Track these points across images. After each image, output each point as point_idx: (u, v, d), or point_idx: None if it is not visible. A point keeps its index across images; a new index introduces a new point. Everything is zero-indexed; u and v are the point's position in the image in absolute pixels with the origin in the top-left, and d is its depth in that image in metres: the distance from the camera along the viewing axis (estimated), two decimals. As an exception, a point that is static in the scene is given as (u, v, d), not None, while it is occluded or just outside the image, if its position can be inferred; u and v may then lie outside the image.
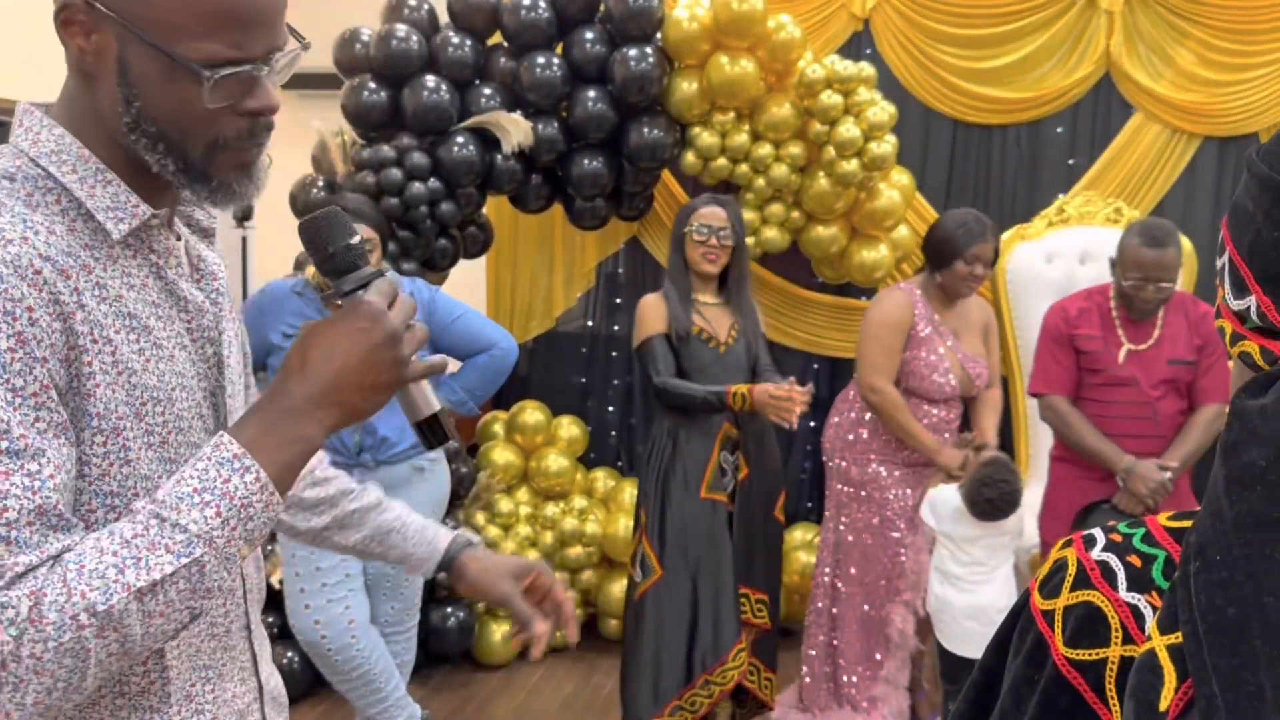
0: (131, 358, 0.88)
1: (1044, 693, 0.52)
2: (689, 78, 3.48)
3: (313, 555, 2.61)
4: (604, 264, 4.19)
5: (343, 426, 0.91)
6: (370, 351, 0.88)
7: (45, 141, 0.88)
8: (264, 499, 0.85)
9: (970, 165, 3.84)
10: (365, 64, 3.46)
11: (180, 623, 0.83)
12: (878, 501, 3.12)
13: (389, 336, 0.89)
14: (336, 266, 0.94)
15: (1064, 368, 2.79)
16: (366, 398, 0.90)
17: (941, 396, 3.05)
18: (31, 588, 0.76)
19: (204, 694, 0.97)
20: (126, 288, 0.90)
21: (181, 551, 0.80)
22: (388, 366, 0.89)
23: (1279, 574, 0.44)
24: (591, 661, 3.80)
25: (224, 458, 0.84)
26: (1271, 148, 0.55)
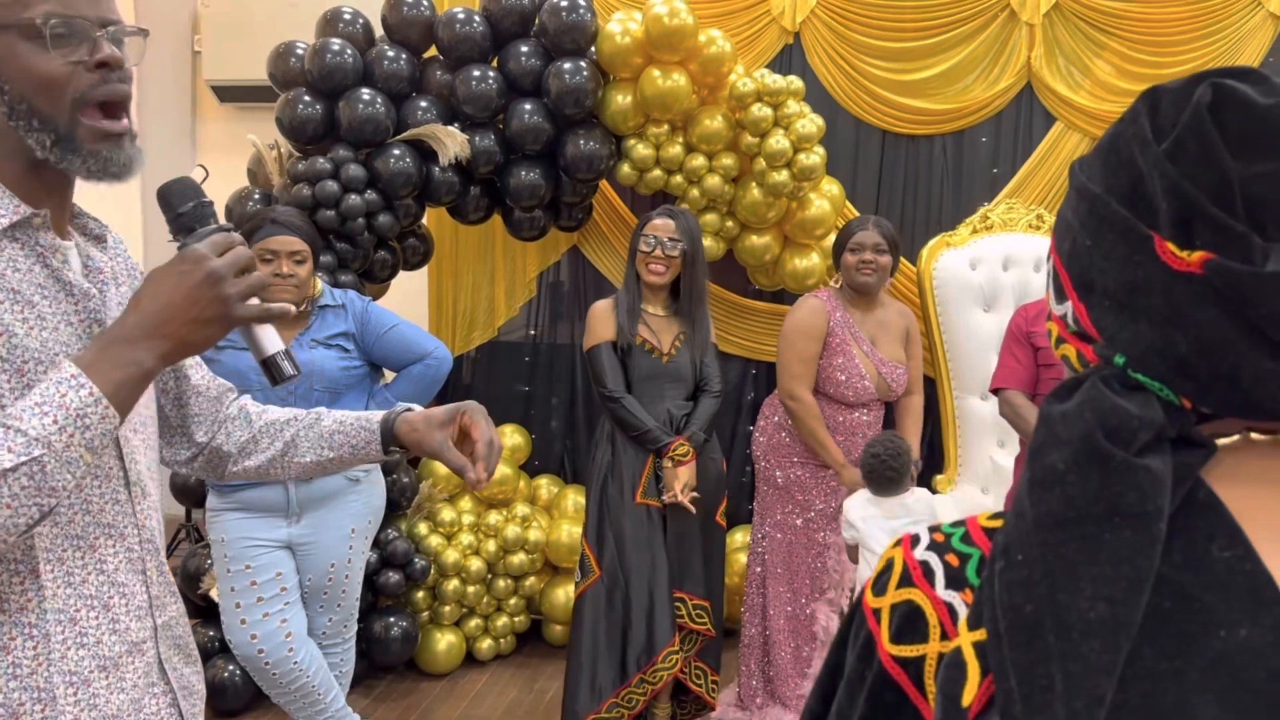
0: (14, 323, 1.04)
1: (871, 688, 0.56)
2: (623, 91, 3.53)
3: (247, 570, 2.61)
4: (545, 274, 4.22)
5: (179, 355, 1.06)
6: (192, 289, 1.04)
7: None
8: (99, 411, 0.99)
9: (898, 175, 3.94)
10: (300, 77, 3.46)
11: (30, 517, 0.97)
12: (800, 503, 3.21)
13: (208, 275, 1.04)
14: (184, 225, 1.11)
15: (1021, 364, 2.89)
16: (193, 330, 1.05)
17: (858, 400, 3.16)
18: None
19: (87, 619, 1.10)
20: (11, 270, 1.05)
21: (21, 451, 0.95)
22: (210, 302, 1.04)
23: (1071, 572, 0.48)
24: (536, 667, 3.83)
25: (62, 377, 0.99)
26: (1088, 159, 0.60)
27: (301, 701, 2.67)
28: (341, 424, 1.39)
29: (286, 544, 2.67)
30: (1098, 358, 0.56)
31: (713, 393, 3.06)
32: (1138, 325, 0.53)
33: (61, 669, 1.06)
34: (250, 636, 2.59)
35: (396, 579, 3.51)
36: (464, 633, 3.80)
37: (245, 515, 2.63)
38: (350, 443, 1.38)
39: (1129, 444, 0.50)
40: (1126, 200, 0.55)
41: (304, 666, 2.63)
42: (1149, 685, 0.47)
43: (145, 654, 1.16)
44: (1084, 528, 0.49)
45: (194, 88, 5.33)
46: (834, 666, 0.62)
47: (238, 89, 5.05)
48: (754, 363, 4.10)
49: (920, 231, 3.89)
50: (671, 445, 2.93)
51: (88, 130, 1.06)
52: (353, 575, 2.77)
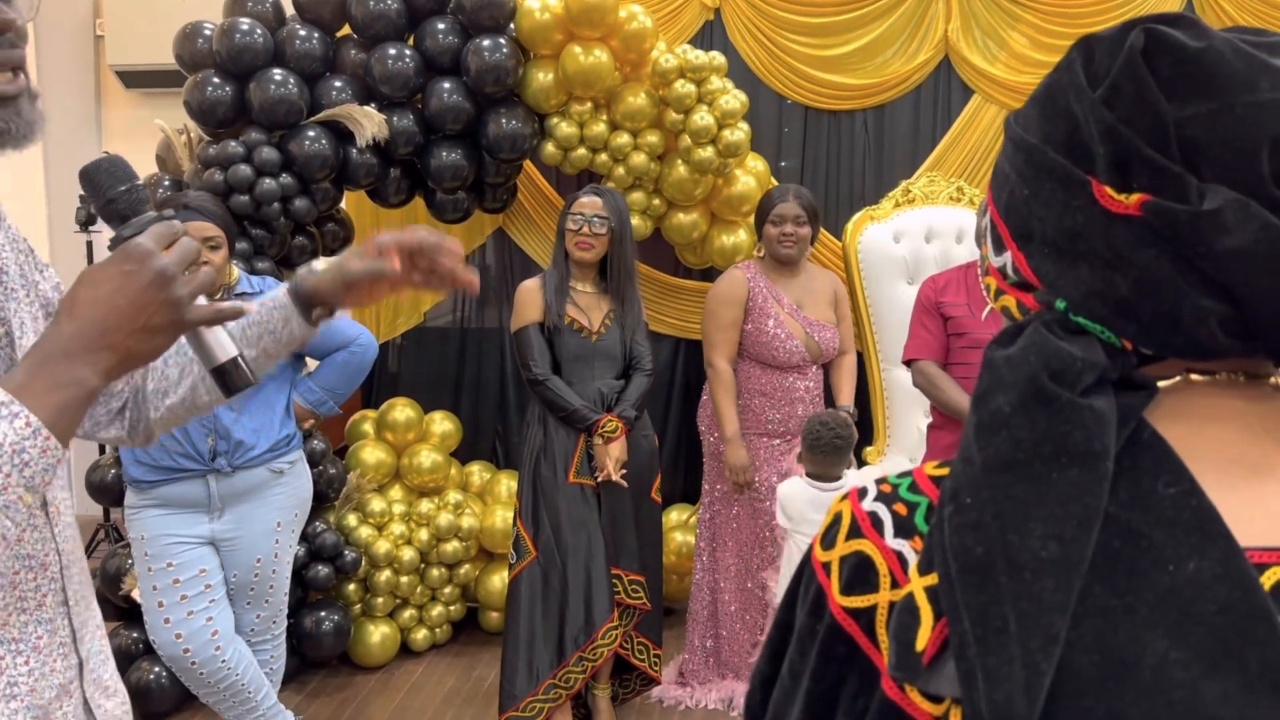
0: None
1: (823, 641, 0.55)
2: (544, 68, 3.48)
3: (169, 568, 2.52)
4: (471, 257, 4.16)
5: (123, 370, 0.92)
6: (138, 293, 0.89)
7: None
8: (38, 444, 0.85)
9: (821, 150, 3.97)
10: (208, 59, 3.34)
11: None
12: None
13: (157, 276, 0.90)
14: (116, 212, 0.96)
15: (932, 334, 2.94)
16: (141, 339, 0.90)
17: (792, 363, 3.21)
18: None
19: (16, 667, 0.97)
20: None
21: None
22: (159, 308, 0.90)
23: (1021, 513, 0.48)
24: (473, 655, 3.80)
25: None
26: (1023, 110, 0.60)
27: (231, 701, 2.60)
28: (252, 320, 1.21)
29: (209, 540, 2.59)
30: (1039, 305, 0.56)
31: (644, 370, 3.06)
32: (1078, 270, 0.53)
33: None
34: (175, 636, 2.51)
35: (326, 572, 3.44)
36: (398, 624, 3.74)
37: (165, 511, 2.54)
38: (270, 330, 1.21)
39: (1074, 385, 0.50)
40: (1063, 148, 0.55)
41: (232, 665, 2.56)
42: (1100, 622, 0.47)
43: (73, 695, 1.04)
44: (1032, 468, 0.49)
45: (97, 73, 5.12)
46: (784, 625, 0.61)
47: (143, 74, 4.87)
48: (684, 341, 4.10)
49: (844, 206, 3.92)
50: (600, 422, 2.92)
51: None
52: (280, 570, 2.70)
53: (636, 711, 3.34)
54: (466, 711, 3.36)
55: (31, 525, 1.01)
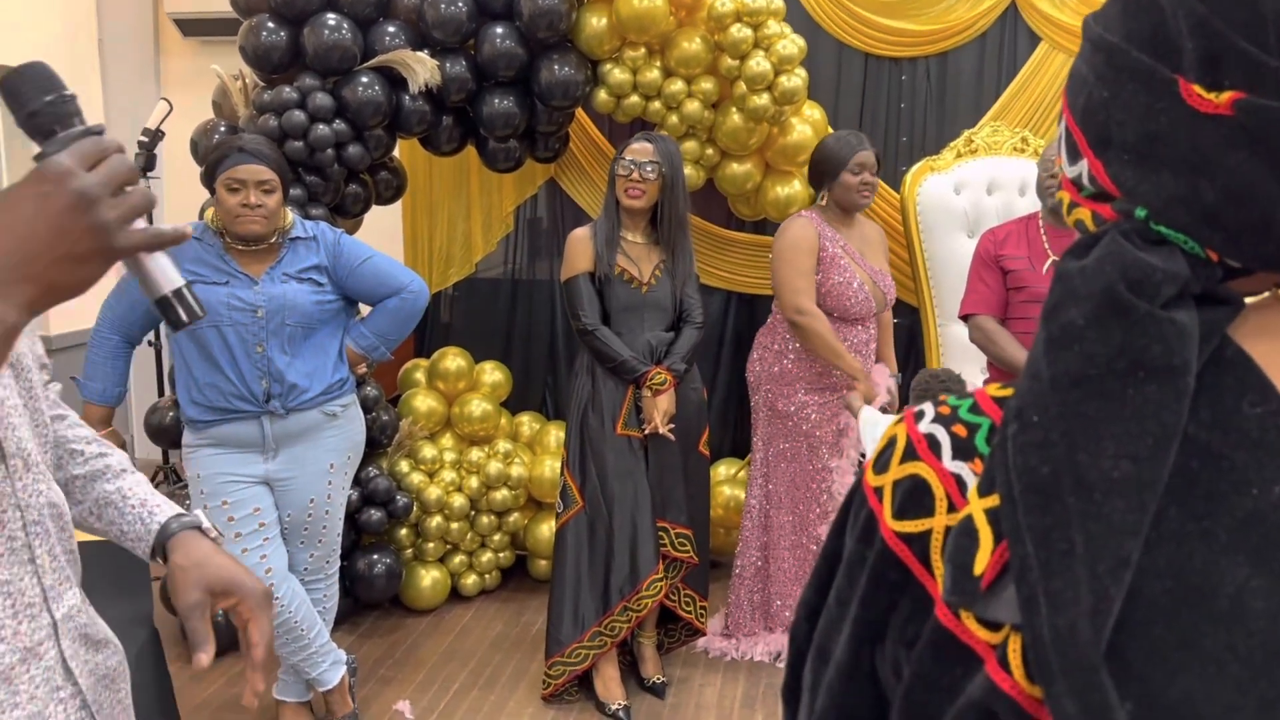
0: None
1: (873, 567, 0.53)
2: (598, 12, 3.43)
3: (224, 506, 2.57)
4: (522, 208, 4.15)
5: (48, 303, 0.81)
6: (56, 217, 0.78)
7: None
8: None
9: (881, 98, 3.87)
10: (263, 4, 3.34)
11: None
12: (804, 431, 3.19)
13: (77, 198, 0.78)
14: (40, 126, 0.84)
15: (990, 289, 2.87)
16: (66, 270, 0.79)
17: (860, 313, 3.15)
18: None
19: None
20: None
21: None
22: (83, 234, 0.78)
23: (1092, 431, 0.45)
24: (521, 601, 3.84)
25: None
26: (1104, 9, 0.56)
27: (285, 638, 2.66)
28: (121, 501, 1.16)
29: (264, 480, 2.63)
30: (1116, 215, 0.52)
31: (694, 323, 3.03)
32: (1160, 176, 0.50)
33: None
34: (230, 574, 2.56)
35: (379, 516, 3.49)
36: (448, 569, 3.79)
37: (220, 451, 2.59)
38: (119, 528, 1.16)
39: (1153, 297, 0.47)
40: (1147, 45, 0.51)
41: (286, 603, 2.61)
42: (1175, 547, 0.44)
43: (44, 657, 1.01)
44: (1105, 384, 0.45)
45: (156, 22, 5.16)
46: (831, 554, 0.58)
47: (201, 21, 4.89)
48: (735, 295, 4.06)
49: (903, 156, 3.83)
50: (648, 374, 2.90)
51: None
52: (333, 511, 2.74)
53: (681, 661, 3.35)
54: (514, 656, 3.40)
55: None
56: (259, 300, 2.54)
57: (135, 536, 1.15)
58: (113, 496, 1.16)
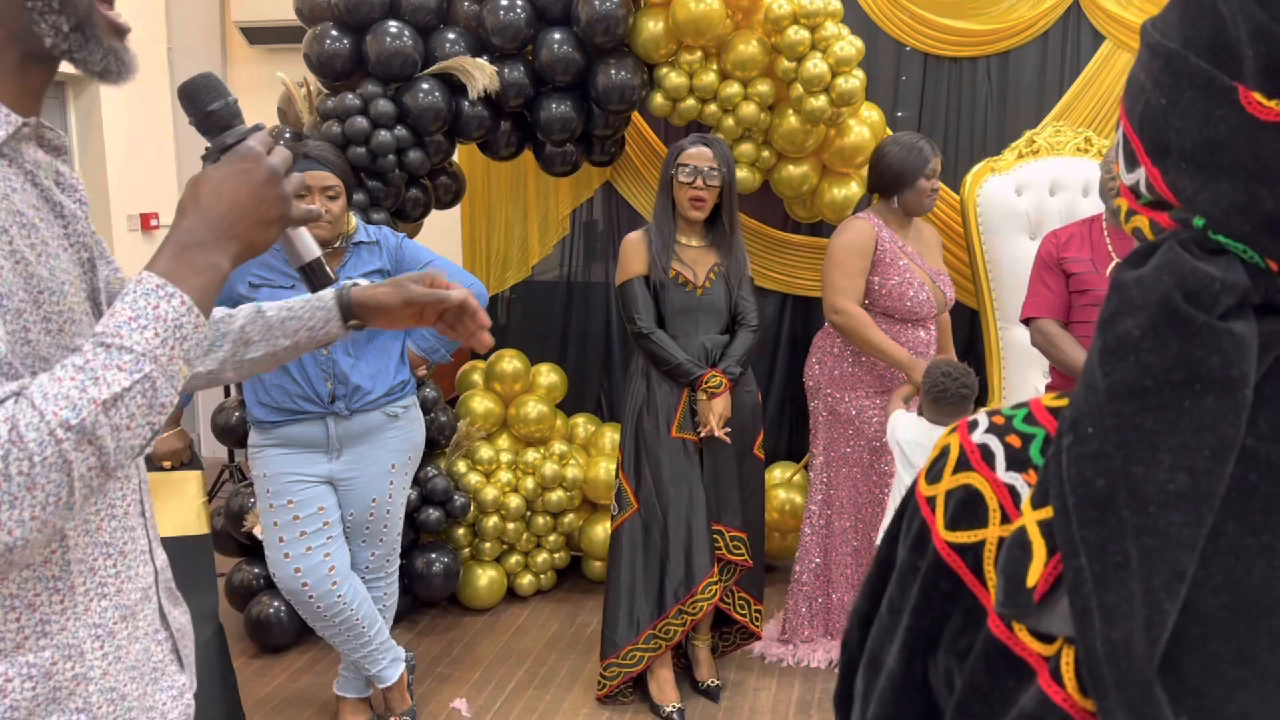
0: (25, 250, 0.94)
1: (925, 577, 0.53)
2: (655, 17, 3.44)
3: (289, 505, 2.63)
4: (578, 211, 4.18)
5: (246, 257, 1.02)
6: (257, 187, 1.00)
7: None
8: (192, 320, 0.95)
9: (941, 99, 3.82)
10: (327, 11, 3.41)
11: (144, 437, 0.92)
12: (867, 435, 3.17)
13: (271, 173, 1.01)
14: (215, 123, 1.06)
15: (1053, 292, 2.82)
16: (259, 230, 1.01)
17: (921, 314, 3.11)
18: (4, 415, 0.84)
19: (106, 568, 1.05)
20: (10, 190, 0.95)
21: (133, 368, 0.89)
22: (273, 201, 1.01)
23: (1148, 443, 0.45)
24: (576, 602, 3.87)
25: (148, 289, 0.93)
26: (1163, 13, 0.55)
27: (346, 634, 2.71)
28: (291, 309, 1.33)
29: (328, 479, 2.68)
30: (1174, 223, 0.51)
31: (749, 326, 3.02)
32: (1218, 184, 0.49)
33: (87, 622, 1.02)
34: (294, 570, 2.62)
35: (437, 516, 3.54)
36: (505, 569, 3.83)
37: (286, 451, 2.65)
38: (306, 325, 1.32)
39: (1211, 307, 0.46)
40: (1206, 52, 0.50)
41: (348, 600, 2.66)
42: (1233, 561, 0.44)
43: (151, 600, 1.12)
44: (1162, 395, 0.45)
45: (223, 30, 5.29)
46: (884, 562, 0.59)
47: (267, 30, 5.01)
48: (790, 298, 4.04)
49: (964, 157, 3.78)
50: (704, 377, 2.90)
51: (104, 20, 0.99)
52: (393, 510, 2.79)
53: (736, 665, 3.35)
54: (569, 656, 3.43)
55: None
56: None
57: (321, 321, 1.32)
58: (282, 314, 1.32)
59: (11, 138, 0.97)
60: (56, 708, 0.99)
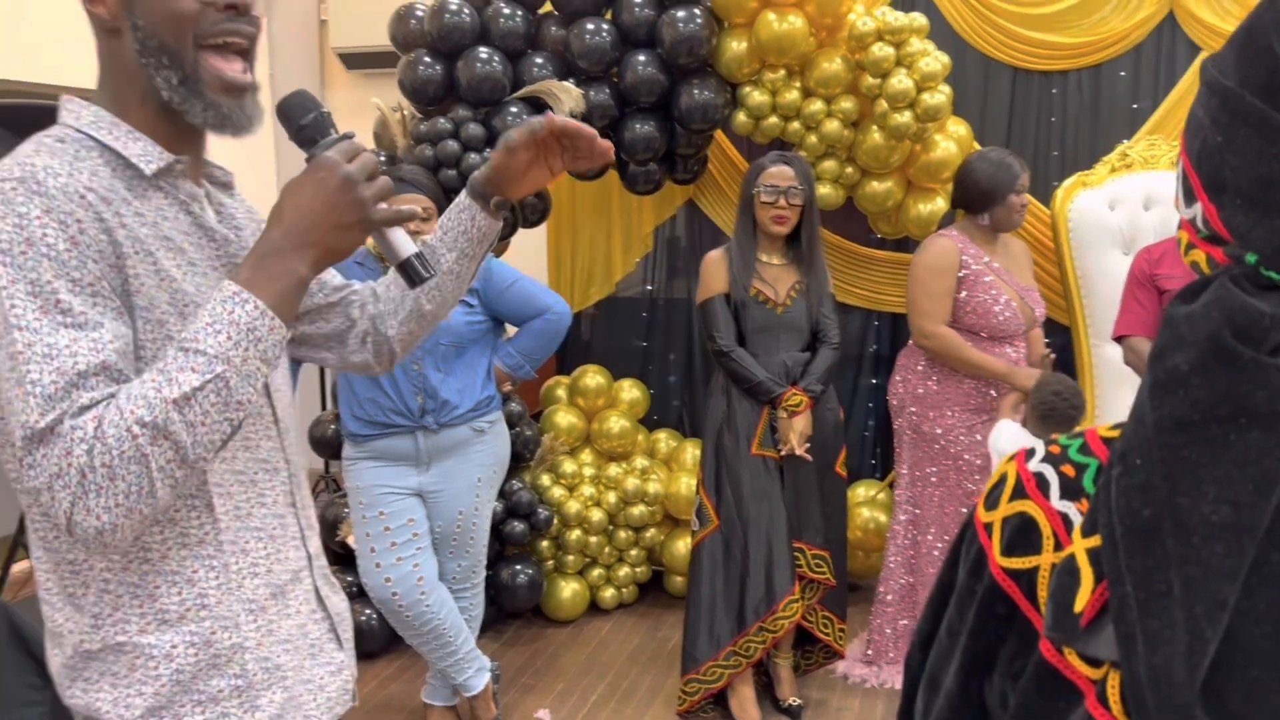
0: (171, 269, 1.08)
1: (982, 601, 0.55)
2: (738, 37, 3.47)
3: (381, 517, 2.72)
4: (661, 228, 4.22)
5: (327, 262, 1.08)
6: (330, 194, 1.05)
7: (85, 116, 1.10)
8: (266, 323, 1.02)
9: (1030, 112, 3.76)
10: (420, 39, 3.53)
11: (223, 433, 1.01)
12: (953, 454, 3.12)
13: (343, 180, 1.05)
14: (307, 136, 1.11)
15: (1146, 310, 2.76)
16: (338, 235, 1.07)
17: (1008, 331, 3.05)
18: (94, 414, 0.95)
19: (257, 550, 1.17)
20: (161, 217, 1.09)
21: (204, 369, 0.98)
22: (349, 207, 1.06)
23: (1193, 475, 0.46)
24: (658, 616, 3.89)
25: (225, 295, 1.02)
26: (1221, 53, 0.56)
27: (434, 643, 2.79)
28: (443, 224, 1.35)
29: (417, 491, 2.77)
30: (1228, 259, 0.52)
31: (831, 344, 3.01)
32: (1272, 221, 0.50)
33: (241, 597, 1.13)
34: (385, 579, 2.71)
35: (521, 528, 3.61)
36: (588, 581, 3.88)
37: (379, 464, 2.74)
38: (462, 230, 1.33)
39: (1259, 343, 0.47)
40: (1262, 91, 0.51)
41: (435, 609, 2.74)
42: (1276, 592, 0.45)
43: (303, 582, 1.23)
44: (1208, 429, 0.46)
45: (322, 56, 5.50)
46: (945, 585, 0.60)
47: (363, 55, 5.19)
48: (875, 314, 4.02)
49: (1054, 172, 3.72)
50: (784, 395, 2.91)
51: (211, 75, 1.07)
52: (480, 523, 2.86)
53: (819, 684, 3.33)
54: (650, 670, 3.45)
55: (267, 435, 1.19)
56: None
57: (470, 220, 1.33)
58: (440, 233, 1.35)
59: (163, 171, 1.10)
60: (216, 672, 1.12)
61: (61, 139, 1.07)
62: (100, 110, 1.10)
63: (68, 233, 0.99)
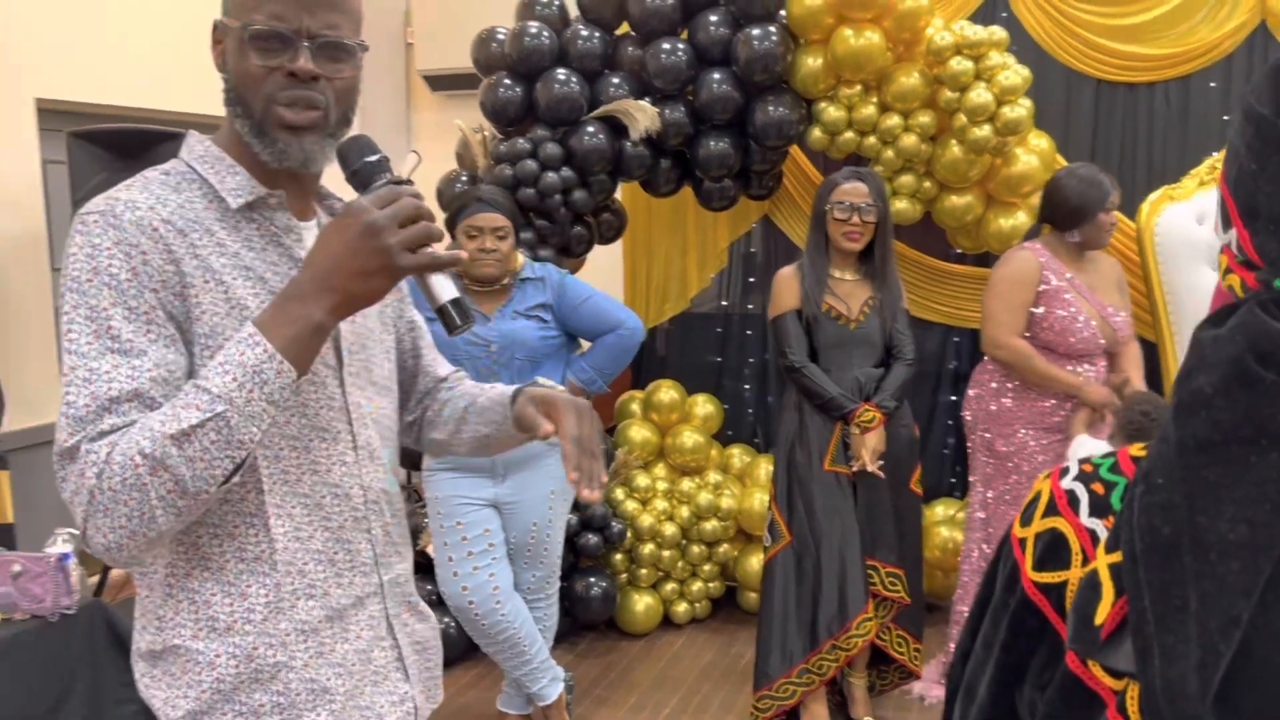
0: (246, 297, 1.12)
1: (1014, 614, 0.56)
2: (813, 53, 3.48)
3: (458, 527, 2.79)
4: (737, 244, 4.24)
5: (349, 308, 1.08)
6: (352, 240, 1.05)
7: (196, 150, 1.19)
8: (274, 366, 1.04)
9: (1115, 125, 3.68)
10: (501, 61, 3.63)
11: (224, 468, 1.03)
12: (1026, 472, 3.07)
13: (366, 227, 1.04)
14: (360, 180, 1.14)
15: None
16: (359, 282, 1.06)
17: (1085, 349, 2.98)
18: (110, 440, 1.01)
19: (315, 573, 1.18)
20: (246, 248, 1.15)
21: (206, 408, 1.01)
22: (372, 253, 1.05)
23: (1212, 495, 0.47)
24: (731, 633, 3.89)
25: (241, 337, 1.04)
26: (1258, 81, 0.57)
27: (509, 651, 2.84)
28: (491, 400, 1.37)
29: (493, 503, 2.83)
30: (1259, 284, 0.53)
31: (905, 360, 2.99)
32: None
33: (292, 617, 1.15)
34: (462, 588, 2.78)
35: (595, 541, 3.65)
36: (661, 596, 3.91)
37: (456, 475, 2.82)
38: (495, 419, 1.35)
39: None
40: None
41: (510, 619, 2.79)
42: None
43: (369, 608, 1.22)
44: (1229, 450, 0.47)
45: (407, 78, 5.66)
46: (983, 599, 0.62)
47: (447, 77, 5.33)
48: (955, 330, 3.97)
49: (1140, 185, 3.62)
50: (856, 411, 2.89)
51: (276, 119, 1.13)
52: (553, 534, 2.91)
53: (894, 705, 3.29)
54: (723, 686, 3.46)
55: (341, 460, 1.20)
56: (492, 336, 2.76)
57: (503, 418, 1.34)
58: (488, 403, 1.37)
59: (255, 204, 1.15)
60: (259, 687, 1.14)
61: (168, 172, 1.15)
62: (211, 145, 1.17)
63: (131, 263, 1.05)
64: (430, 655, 1.34)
